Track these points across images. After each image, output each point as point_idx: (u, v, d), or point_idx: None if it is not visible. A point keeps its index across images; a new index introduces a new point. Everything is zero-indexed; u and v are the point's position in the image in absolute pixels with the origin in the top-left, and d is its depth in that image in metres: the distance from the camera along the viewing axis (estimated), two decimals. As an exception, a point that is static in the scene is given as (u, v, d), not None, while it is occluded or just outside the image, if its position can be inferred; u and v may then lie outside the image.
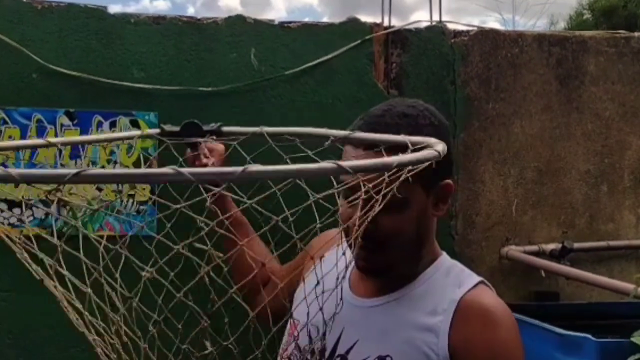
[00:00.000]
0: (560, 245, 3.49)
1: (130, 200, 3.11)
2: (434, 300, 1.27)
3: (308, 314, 1.14)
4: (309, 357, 1.35)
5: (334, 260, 1.17)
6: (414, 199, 1.25)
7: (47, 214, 3.03)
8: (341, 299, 1.21)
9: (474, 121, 3.55)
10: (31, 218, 3.02)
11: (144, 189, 3.11)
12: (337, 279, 1.20)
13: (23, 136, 3.02)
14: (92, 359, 3.15)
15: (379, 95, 3.41)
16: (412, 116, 1.26)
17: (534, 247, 3.53)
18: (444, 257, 1.35)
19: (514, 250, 3.50)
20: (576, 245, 3.53)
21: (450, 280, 1.29)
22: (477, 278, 1.32)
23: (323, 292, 1.11)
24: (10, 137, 3.01)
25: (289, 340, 1.39)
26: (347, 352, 1.30)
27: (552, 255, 3.48)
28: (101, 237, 3.22)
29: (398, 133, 1.19)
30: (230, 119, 3.25)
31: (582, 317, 3.17)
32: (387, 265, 1.30)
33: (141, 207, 3.11)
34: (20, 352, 3.01)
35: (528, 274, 3.54)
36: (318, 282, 1.10)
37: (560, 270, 3.38)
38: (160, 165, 3.28)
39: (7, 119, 3.01)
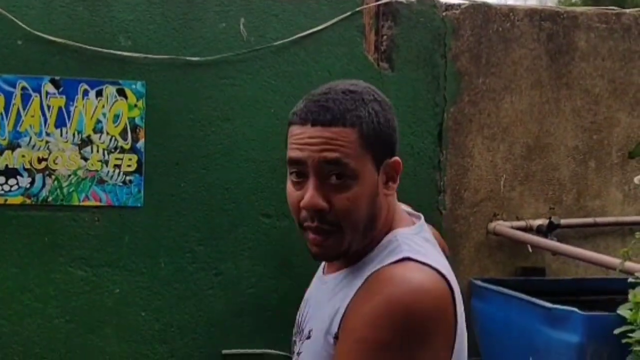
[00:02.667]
0: (547, 221, 3.50)
1: (117, 171, 3.07)
2: (360, 278, 1.22)
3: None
4: (295, 329, 1.38)
5: None
6: (364, 173, 1.20)
7: (32, 183, 2.99)
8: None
9: (464, 96, 3.54)
10: (16, 187, 2.98)
11: (130, 159, 3.08)
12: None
13: (7, 103, 2.97)
14: (77, 330, 3.15)
15: (369, 68, 3.38)
16: (357, 92, 1.23)
17: (522, 223, 3.54)
18: (398, 235, 1.25)
19: (501, 225, 3.51)
20: (563, 221, 3.54)
21: (382, 258, 1.22)
22: (405, 254, 1.19)
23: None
24: (-6, 104, 2.96)
25: None
26: (305, 325, 1.33)
27: (539, 231, 3.49)
28: (87, 207, 3.19)
29: (352, 106, 1.19)
30: (219, 90, 3.23)
31: (568, 293, 3.20)
32: (342, 250, 1.25)
33: (127, 178, 3.07)
34: (3, 323, 2.99)
35: (515, 249, 3.55)
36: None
37: (547, 246, 3.39)
38: (146, 136, 3.26)
39: (-9, 85, 2.96)
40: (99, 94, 3.06)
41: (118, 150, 3.08)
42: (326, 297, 1.27)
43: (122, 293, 3.10)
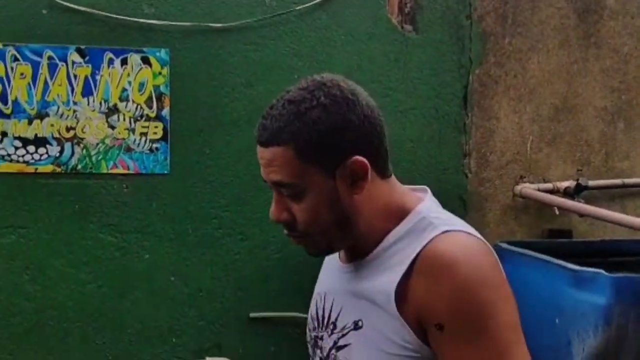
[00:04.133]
0: (574, 183, 3.47)
1: (144, 139, 3.11)
2: (395, 260, 1.22)
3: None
4: (315, 324, 1.37)
5: None
6: (313, 184, 1.20)
7: (61, 152, 3.04)
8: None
9: (489, 57, 3.50)
10: (45, 156, 3.03)
11: (156, 127, 3.11)
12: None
13: (35, 73, 3.00)
14: (109, 294, 3.22)
15: (393, 31, 3.36)
16: (296, 102, 1.20)
17: (548, 185, 3.51)
18: (422, 212, 1.26)
19: (527, 188, 3.49)
20: (591, 182, 3.51)
21: (418, 235, 1.22)
22: (442, 228, 1.21)
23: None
24: (22, 74, 3.00)
25: None
26: (336, 319, 1.31)
27: (567, 193, 3.47)
28: (115, 175, 3.24)
29: (285, 123, 1.19)
30: (242, 56, 3.23)
31: (596, 255, 3.18)
32: (326, 249, 1.28)
33: (154, 146, 3.11)
34: (38, 288, 3.06)
35: (541, 212, 3.54)
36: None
37: (574, 207, 3.37)
38: (171, 104, 3.28)
39: (18, 55, 2.99)
40: (123, 62, 3.08)
41: (144, 119, 3.10)
42: (362, 281, 1.27)
43: (151, 258, 3.15)
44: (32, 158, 3.01)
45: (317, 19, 3.28)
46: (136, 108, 3.10)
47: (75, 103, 3.04)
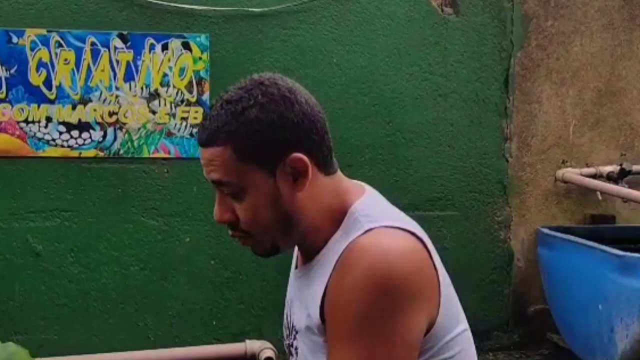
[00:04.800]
0: (618, 168, 3.41)
1: (184, 123, 3.14)
2: (328, 267, 1.20)
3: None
4: (286, 332, 1.36)
5: None
6: (253, 183, 1.19)
7: (104, 136, 3.09)
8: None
9: (531, 39, 3.45)
10: (89, 140, 3.08)
11: (196, 111, 3.14)
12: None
13: (78, 59, 3.05)
14: (151, 277, 3.26)
15: (433, 14, 3.33)
16: (234, 101, 1.18)
17: (591, 170, 3.46)
18: (356, 209, 1.23)
19: (570, 172, 3.44)
20: (635, 167, 3.45)
21: (347, 234, 1.20)
22: (366, 226, 1.18)
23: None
24: (65, 60, 3.04)
25: None
26: (294, 325, 1.31)
27: (610, 178, 3.41)
28: (156, 159, 3.27)
29: (222, 123, 1.17)
30: (281, 40, 3.24)
31: (639, 240, 3.13)
32: (270, 248, 1.26)
33: (194, 130, 3.14)
34: (82, 270, 3.12)
35: (584, 197, 3.49)
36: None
37: (618, 192, 3.31)
38: (211, 88, 3.30)
39: (62, 41, 3.04)
40: (164, 47, 3.11)
41: (184, 103, 3.13)
42: (305, 288, 1.27)
43: (192, 242, 3.19)
44: (76, 143, 3.07)
45: (356, 3, 3.27)
46: (177, 93, 3.13)
47: (117, 88, 3.09)
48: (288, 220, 1.22)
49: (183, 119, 3.14)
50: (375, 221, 1.19)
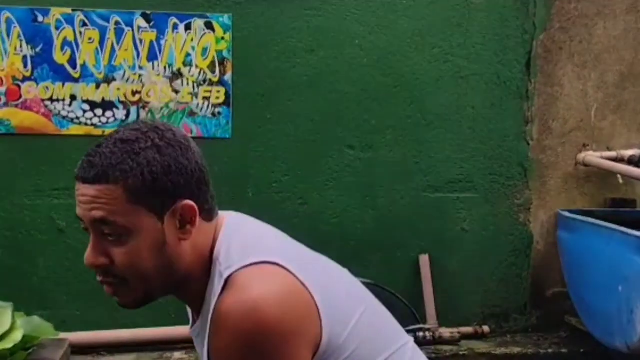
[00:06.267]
0: (639, 152, 3.39)
1: (207, 103, 3.16)
2: (208, 320, 1.20)
3: None
4: None
5: None
6: (140, 226, 1.17)
7: (127, 115, 3.12)
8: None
9: (554, 22, 3.42)
10: (112, 119, 3.11)
11: (218, 91, 3.16)
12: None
13: (102, 38, 3.08)
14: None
15: (456, -4, 3.32)
16: (130, 141, 1.17)
17: (612, 154, 3.44)
18: (217, 259, 1.22)
19: (591, 156, 3.43)
20: (657, 151, 3.43)
21: (215, 290, 1.20)
22: (226, 274, 1.18)
23: None
24: (90, 39, 3.07)
25: None
26: None
27: (631, 162, 3.40)
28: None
29: (117, 161, 1.15)
30: (304, 21, 3.24)
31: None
32: (139, 298, 1.24)
33: (216, 110, 3.16)
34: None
35: (604, 180, 3.48)
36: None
37: (639, 176, 3.30)
38: (233, 68, 3.29)
39: (86, 20, 3.06)
40: (187, 27, 3.12)
41: (207, 83, 3.16)
42: (200, 346, 1.27)
43: (213, 221, 3.22)
44: (100, 121, 3.10)
45: (379, -17, 3.26)
46: (199, 73, 3.15)
47: (140, 67, 3.11)
48: (169, 267, 1.20)
49: (205, 98, 3.16)
50: (232, 266, 1.18)
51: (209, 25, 3.14)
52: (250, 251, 1.21)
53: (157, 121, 1.25)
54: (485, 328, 3.33)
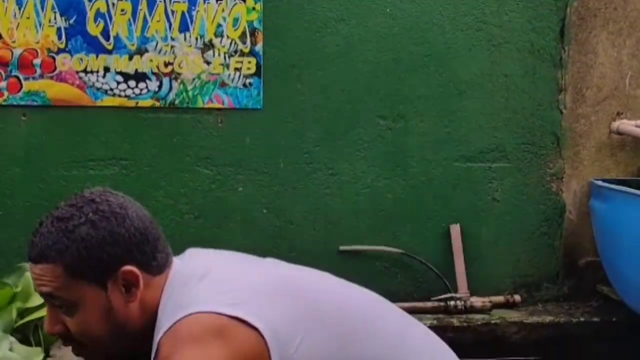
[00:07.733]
0: (675, 120, 3.35)
1: (238, 74, 3.17)
2: None
3: None
4: None
5: None
6: (84, 298, 1.22)
7: (159, 87, 3.15)
8: None
9: (589, -12, 3.37)
10: (145, 90, 3.14)
11: (249, 62, 3.17)
12: None
13: (134, 9, 3.09)
14: (205, 225, 3.32)
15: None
16: (65, 219, 1.22)
17: (647, 122, 3.40)
18: (160, 314, 1.24)
19: (625, 124, 3.39)
20: (692, 119, 3.38)
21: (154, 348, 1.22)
22: (164, 328, 1.18)
23: None
24: (122, 10, 3.10)
25: None
26: None
27: (666, 130, 3.35)
28: (210, 109, 3.32)
29: (53, 241, 1.20)
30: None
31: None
32: (106, 357, 1.29)
33: (247, 81, 3.17)
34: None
35: (638, 149, 3.44)
36: None
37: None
38: (264, 39, 3.29)
39: (118, -7, 3.09)
40: (218, -4, 3.13)
41: (238, 54, 3.17)
42: None
43: (245, 191, 3.26)
44: (133, 92, 3.14)
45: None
46: (230, 43, 3.16)
47: (172, 39, 3.13)
48: (121, 330, 1.25)
49: (236, 69, 3.17)
50: (164, 325, 1.18)
51: (239, -7, 3.14)
52: (195, 299, 1.21)
53: (95, 192, 1.29)
54: (517, 297, 3.33)
